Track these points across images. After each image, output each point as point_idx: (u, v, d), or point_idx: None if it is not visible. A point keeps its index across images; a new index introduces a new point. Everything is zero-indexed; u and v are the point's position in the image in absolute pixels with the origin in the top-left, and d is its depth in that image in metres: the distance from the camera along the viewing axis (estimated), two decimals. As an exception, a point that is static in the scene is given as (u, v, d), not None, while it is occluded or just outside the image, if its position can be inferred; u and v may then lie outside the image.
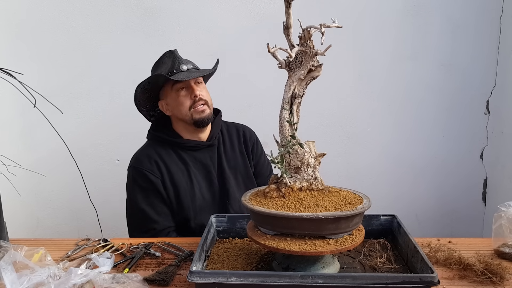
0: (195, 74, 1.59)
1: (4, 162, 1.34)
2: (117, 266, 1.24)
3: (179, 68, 1.59)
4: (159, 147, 1.66)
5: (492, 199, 2.51)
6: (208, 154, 1.69)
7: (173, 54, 1.63)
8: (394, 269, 1.13)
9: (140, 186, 1.61)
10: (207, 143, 1.69)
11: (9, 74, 1.22)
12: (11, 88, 1.25)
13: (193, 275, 0.99)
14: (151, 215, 1.59)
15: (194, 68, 1.63)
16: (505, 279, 1.09)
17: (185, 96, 1.61)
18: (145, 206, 1.60)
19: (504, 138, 2.38)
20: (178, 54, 1.64)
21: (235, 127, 1.82)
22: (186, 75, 1.57)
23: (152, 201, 1.60)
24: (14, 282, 1.02)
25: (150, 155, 1.64)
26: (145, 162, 1.62)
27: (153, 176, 1.60)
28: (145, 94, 1.63)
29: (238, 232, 1.38)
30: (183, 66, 1.59)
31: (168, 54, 1.64)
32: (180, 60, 1.61)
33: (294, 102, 1.15)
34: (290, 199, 1.09)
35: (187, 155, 1.66)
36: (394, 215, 1.33)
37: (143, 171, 1.61)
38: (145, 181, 1.60)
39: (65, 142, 1.35)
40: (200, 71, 1.62)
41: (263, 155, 1.83)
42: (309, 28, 1.08)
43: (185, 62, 1.61)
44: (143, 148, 1.70)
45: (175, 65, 1.59)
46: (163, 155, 1.64)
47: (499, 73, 2.40)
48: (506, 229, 1.24)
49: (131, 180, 1.64)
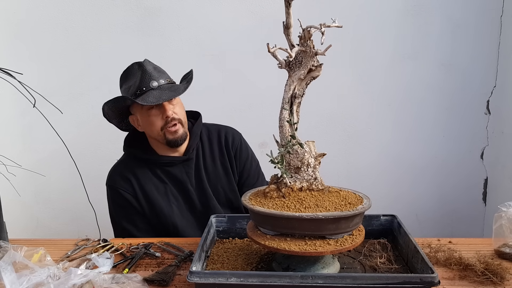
0: (166, 95, 1.45)
1: (4, 162, 1.34)
2: (116, 266, 1.24)
3: (149, 86, 1.46)
4: (134, 163, 1.60)
5: (493, 199, 2.50)
6: (184, 170, 1.60)
7: (142, 68, 1.49)
8: (394, 270, 1.13)
9: (118, 204, 1.59)
10: (182, 158, 1.60)
11: (8, 74, 1.22)
12: (10, 88, 1.25)
13: (193, 276, 0.99)
14: (134, 233, 1.56)
15: (166, 83, 1.50)
16: (505, 279, 1.08)
17: (156, 116, 1.50)
18: (126, 224, 1.57)
19: (505, 138, 2.37)
20: (147, 67, 1.50)
21: (217, 131, 1.70)
22: (156, 97, 1.44)
23: (132, 218, 1.58)
24: (13, 282, 1.02)
25: (122, 172, 1.59)
26: (118, 180, 1.58)
27: (126, 193, 1.56)
28: (114, 111, 1.55)
29: (238, 232, 1.38)
30: (153, 82, 1.47)
31: (136, 67, 1.51)
32: (150, 76, 1.47)
33: (294, 102, 1.15)
34: (290, 199, 1.09)
35: (162, 171, 1.59)
36: (394, 215, 1.33)
37: (117, 189, 1.57)
38: (120, 198, 1.57)
39: (64, 143, 1.35)
40: (172, 91, 1.48)
41: (250, 160, 1.71)
42: (309, 28, 1.08)
43: (156, 77, 1.48)
44: (117, 165, 1.64)
45: (144, 81, 1.47)
46: (137, 172, 1.58)
47: (499, 73, 2.40)
48: (507, 229, 1.23)
49: (109, 198, 1.62)
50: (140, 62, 1.53)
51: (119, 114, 1.58)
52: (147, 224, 1.59)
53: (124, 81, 1.56)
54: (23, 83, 1.22)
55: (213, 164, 1.65)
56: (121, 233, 1.60)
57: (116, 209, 1.60)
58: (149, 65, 1.53)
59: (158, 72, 1.53)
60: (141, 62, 1.53)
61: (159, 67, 1.58)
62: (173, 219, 1.57)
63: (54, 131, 1.33)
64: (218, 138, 1.68)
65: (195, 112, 1.71)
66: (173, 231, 1.57)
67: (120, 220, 1.59)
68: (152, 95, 1.46)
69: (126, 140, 1.66)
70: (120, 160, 1.67)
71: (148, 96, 1.45)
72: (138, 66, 1.51)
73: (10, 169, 1.36)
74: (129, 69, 1.54)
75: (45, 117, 1.33)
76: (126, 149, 1.64)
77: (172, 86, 1.52)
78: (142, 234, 1.56)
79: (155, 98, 1.45)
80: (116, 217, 1.61)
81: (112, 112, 1.55)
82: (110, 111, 1.54)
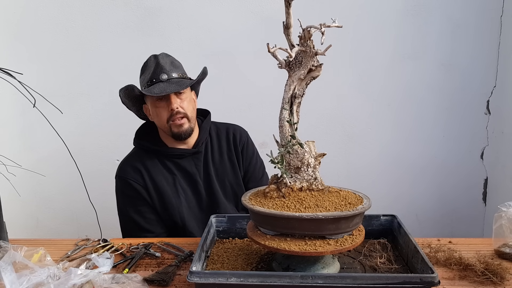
0: (171, 88, 1.49)
1: (4, 162, 1.34)
2: (116, 266, 1.24)
3: (159, 78, 1.51)
4: (144, 155, 1.63)
5: (493, 199, 2.50)
6: (193, 162, 1.64)
7: (156, 60, 1.54)
8: (394, 270, 1.13)
9: (127, 195, 1.61)
10: (192, 150, 1.63)
11: (8, 74, 1.22)
12: (10, 88, 1.25)
13: (193, 276, 0.99)
14: (142, 224, 1.58)
15: (176, 77, 1.53)
16: (505, 279, 1.08)
17: (163, 108, 1.54)
18: (134, 214, 1.59)
19: (505, 138, 2.37)
20: (161, 60, 1.54)
21: (225, 128, 1.74)
22: (161, 89, 1.48)
23: (140, 209, 1.59)
24: (13, 282, 1.02)
25: (133, 163, 1.61)
26: (129, 171, 1.60)
27: (137, 184, 1.58)
28: (128, 98, 1.59)
29: (238, 232, 1.38)
30: (163, 75, 1.51)
31: (153, 59, 1.56)
32: (162, 68, 1.52)
33: (294, 102, 1.15)
34: (290, 199, 1.09)
35: (172, 163, 1.62)
36: (394, 215, 1.33)
37: (127, 180, 1.59)
38: (130, 189, 1.59)
39: (64, 142, 1.35)
40: (178, 84, 1.51)
41: (255, 157, 1.76)
42: (309, 28, 1.08)
43: (167, 70, 1.52)
44: (128, 157, 1.67)
45: (156, 73, 1.52)
46: (147, 163, 1.61)
47: (499, 73, 2.40)
48: (507, 229, 1.23)
49: (118, 189, 1.64)
50: (156, 54, 1.57)
51: (135, 102, 1.62)
52: (155, 215, 1.60)
53: (142, 72, 1.61)
54: (23, 83, 1.22)
55: (220, 158, 1.69)
56: (128, 226, 1.61)
57: (125, 200, 1.61)
58: (164, 58, 1.56)
59: (173, 66, 1.56)
60: (157, 55, 1.57)
61: (177, 61, 1.62)
62: (181, 210, 1.59)
63: (54, 131, 1.33)
64: (226, 134, 1.73)
65: (205, 110, 1.75)
66: (180, 222, 1.59)
67: (128, 211, 1.60)
68: (158, 87, 1.49)
69: (137, 133, 1.69)
70: (130, 153, 1.69)
71: (154, 88, 1.50)
72: (154, 58, 1.56)
73: (10, 169, 1.37)
74: (147, 61, 1.59)
75: (45, 117, 1.33)
76: (137, 141, 1.67)
77: (181, 80, 1.55)
78: (149, 226, 1.58)
79: (159, 89, 1.49)
80: (124, 208, 1.62)
81: (127, 100, 1.60)
82: (126, 99, 1.59)
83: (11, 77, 1.22)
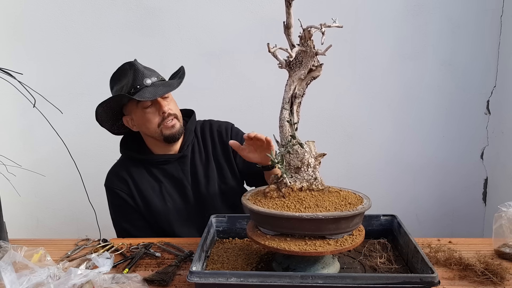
0: (162, 90, 1.47)
1: (4, 162, 1.34)
2: (116, 266, 1.24)
3: (143, 83, 1.47)
4: (130, 164, 1.62)
5: (493, 199, 2.50)
6: (179, 167, 1.62)
7: (133, 67, 1.50)
8: (394, 270, 1.13)
9: (115, 205, 1.62)
10: (177, 155, 1.61)
11: (8, 74, 1.22)
12: (10, 88, 1.25)
13: (193, 276, 0.99)
14: (133, 232, 1.59)
15: (158, 80, 1.51)
16: (505, 279, 1.08)
17: (153, 113, 1.51)
18: (125, 224, 1.60)
19: (505, 138, 2.37)
20: (139, 66, 1.51)
21: (209, 126, 1.70)
22: (152, 93, 1.46)
23: (129, 217, 1.60)
24: (13, 282, 1.02)
25: (119, 172, 1.61)
26: (114, 180, 1.61)
27: (122, 193, 1.59)
28: (108, 113, 1.56)
29: (238, 232, 1.38)
30: (146, 80, 1.48)
31: (127, 67, 1.52)
32: (142, 74, 1.49)
33: (294, 102, 1.15)
34: (290, 199, 1.09)
35: (158, 170, 1.61)
36: (394, 215, 1.33)
37: (114, 190, 1.60)
38: (117, 198, 1.60)
39: (64, 142, 1.35)
40: (166, 87, 1.49)
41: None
42: (310, 28, 1.08)
43: (148, 75, 1.49)
44: (114, 166, 1.66)
45: (138, 79, 1.48)
46: (133, 172, 1.60)
47: (499, 73, 2.40)
48: (507, 229, 1.23)
49: (108, 199, 1.65)
50: (131, 62, 1.53)
51: (112, 116, 1.59)
52: (144, 222, 1.61)
53: (115, 82, 1.56)
54: (23, 83, 1.22)
55: (207, 160, 1.66)
56: (122, 235, 1.62)
57: (115, 209, 1.63)
58: (139, 64, 1.54)
59: (149, 70, 1.55)
60: (131, 62, 1.53)
61: (148, 67, 1.58)
62: (168, 217, 1.59)
63: (54, 131, 1.33)
64: (210, 132, 1.69)
65: (189, 110, 1.72)
66: (168, 229, 1.59)
67: (119, 221, 1.62)
68: (148, 91, 1.47)
69: (122, 142, 1.67)
70: (117, 161, 1.69)
71: (144, 93, 1.47)
72: (129, 66, 1.52)
73: (10, 169, 1.36)
74: (120, 70, 1.54)
75: (45, 117, 1.33)
76: (123, 151, 1.66)
77: (165, 82, 1.54)
78: (140, 233, 1.58)
79: (151, 94, 1.46)
80: (115, 218, 1.64)
81: (105, 114, 1.56)
82: (104, 114, 1.55)
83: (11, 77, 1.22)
